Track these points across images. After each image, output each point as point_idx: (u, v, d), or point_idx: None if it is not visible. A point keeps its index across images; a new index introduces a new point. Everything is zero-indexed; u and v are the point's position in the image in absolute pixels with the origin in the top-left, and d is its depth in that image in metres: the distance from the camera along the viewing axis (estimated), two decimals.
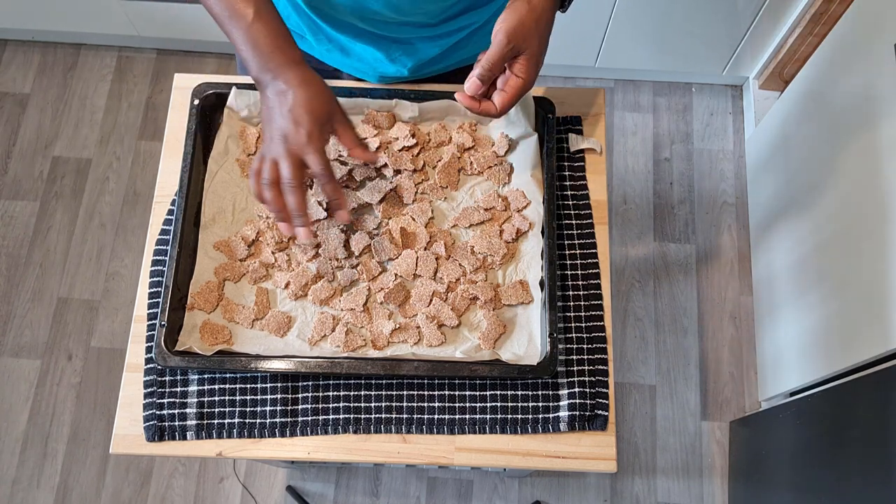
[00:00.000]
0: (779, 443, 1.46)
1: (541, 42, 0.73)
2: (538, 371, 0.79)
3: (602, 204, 0.93)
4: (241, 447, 0.83)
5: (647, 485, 1.72)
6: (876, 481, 1.08)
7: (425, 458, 0.83)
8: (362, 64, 0.94)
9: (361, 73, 0.96)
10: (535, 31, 0.71)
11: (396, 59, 0.93)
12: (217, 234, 0.87)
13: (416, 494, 1.70)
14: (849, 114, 1.37)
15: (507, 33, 0.71)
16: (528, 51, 0.72)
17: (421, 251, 0.87)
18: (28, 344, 1.83)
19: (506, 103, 0.74)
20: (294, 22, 0.92)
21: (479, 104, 0.76)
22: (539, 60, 0.73)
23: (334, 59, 0.95)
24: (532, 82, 0.74)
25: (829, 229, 1.43)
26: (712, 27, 1.81)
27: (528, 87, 0.74)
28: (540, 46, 0.73)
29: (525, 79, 0.73)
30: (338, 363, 0.80)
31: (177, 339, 0.81)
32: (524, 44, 0.71)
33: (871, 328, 1.22)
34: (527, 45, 0.72)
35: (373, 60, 0.93)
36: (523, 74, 0.73)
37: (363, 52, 0.93)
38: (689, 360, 1.82)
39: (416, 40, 0.92)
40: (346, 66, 0.96)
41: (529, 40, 0.71)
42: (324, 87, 0.75)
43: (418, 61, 0.93)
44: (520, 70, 0.73)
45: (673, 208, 1.96)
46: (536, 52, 0.72)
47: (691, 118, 2.06)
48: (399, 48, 0.92)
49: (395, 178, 0.91)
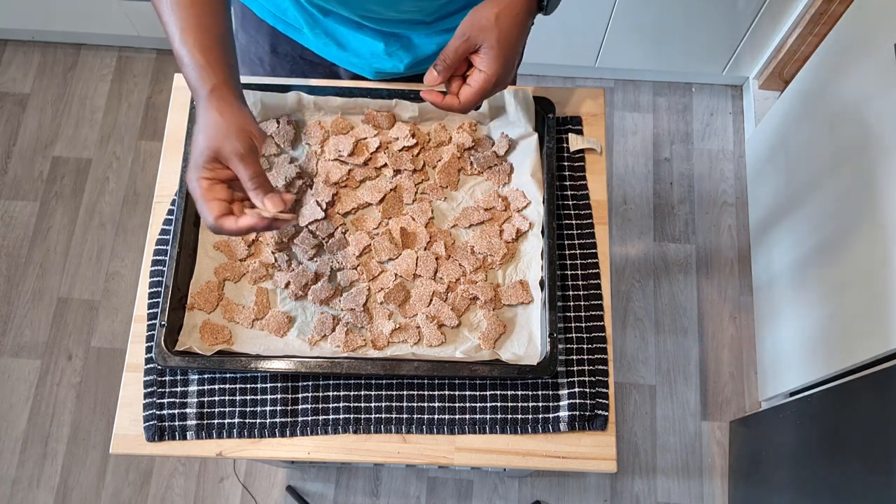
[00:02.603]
0: (779, 443, 1.46)
1: (501, 35, 0.71)
2: (538, 371, 0.79)
3: (602, 204, 0.93)
4: (241, 447, 0.83)
5: (647, 485, 1.72)
6: (876, 481, 1.08)
7: (425, 458, 0.83)
8: (359, 59, 0.94)
9: (358, 69, 0.96)
10: (495, 25, 0.71)
11: (393, 53, 0.92)
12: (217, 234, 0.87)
13: (416, 494, 1.70)
14: (849, 114, 1.37)
15: (462, 26, 0.72)
16: (486, 43, 0.71)
17: (421, 251, 0.87)
18: (28, 344, 1.83)
19: (468, 97, 0.74)
20: (292, 15, 0.92)
21: (441, 98, 0.76)
22: (502, 55, 0.72)
23: (331, 52, 0.95)
24: (497, 76, 0.73)
25: (829, 229, 1.43)
26: (712, 27, 1.81)
27: (494, 81, 0.73)
28: (500, 40, 0.71)
29: (487, 72, 0.72)
30: (338, 363, 0.80)
31: (177, 339, 0.81)
32: (480, 36, 0.71)
33: (870, 328, 1.22)
34: (484, 38, 0.71)
35: (369, 55, 0.93)
36: (484, 67, 0.72)
37: (360, 47, 0.93)
38: (689, 360, 1.82)
39: (414, 36, 0.92)
40: (343, 60, 0.96)
41: (486, 33, 0.71)
42: (225, 123, 0.69)
43: (415, 57, 0.93)
44: (480, 63, 0.73)
45: (673, 208, 1.97)
46: (496, 45, 0.71)
47: (691, 118, 2.06)
48: (396, 42, 0.92)
49: (395, 178, 0.91)
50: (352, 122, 0.93)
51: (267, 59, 1.01)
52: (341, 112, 0.92)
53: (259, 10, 0.95)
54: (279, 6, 0.92)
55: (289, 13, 0.92)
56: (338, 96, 0.90)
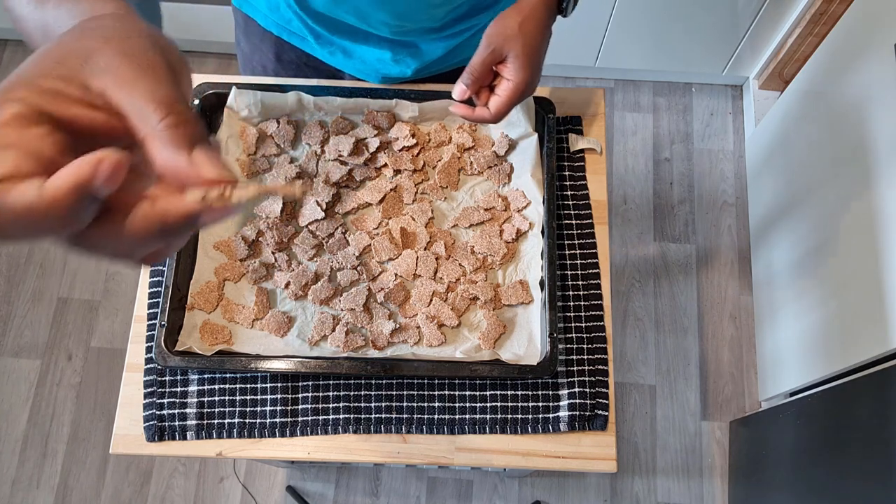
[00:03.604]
0: (779, 443, 1.46)
1: (526, 44, 0.72)
2: (538, 371, 0.79)
3: (602, 204, 0.93)
4: (241, 447, 0.83)
5: (647, 485, 1.72)
6: (876, 481, 1.08)
7: (425, 458, 0.83)
8: (365, 66, 0.94)
9: (364, 75, 0.96)
10: (519, 34, 0.71)
11: (401, 60, 0.93)
12: (217, 234, 0.87)
13: (416, 494, 1.70)
14: (849, 114, 1.37)
15: (487, 37, 0.72)
16: (513, 53, 0.72)
17: (421, 251, 0.87)
18: (28, 344, 1.83)
19: (499, 107, 0.74)
20: (296, 26, 0.92)
21: (472, 111, 0.76)
22: (529, 63, 0.73)
23: (337, 60, 0.95)
24: (525, 83, 0.73)
25: (829, 229, 1.43)
26: (712, 27, 1.81)
27: (522, 89, 0.74)
28: (525, 48, 0.72)
29: (515, 81, 0.73)
30: (338, 363, 0.80)
31: (177, 339, 0.81)
32: (507, 46, 0.72)
33: (870, 328, 1.22)
34: (510, 48, 0.72)
35: (376, 62, 0.93)
36: (512, 76, 0.73)
37: (367, 55, 0.93)
38: (689, 360, 1.82)
39: (422, 42, 0.92)
40: (349, 67, 0.96)
41: (511, 42, 0.71)
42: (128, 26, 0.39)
43: (422, 62, 0.93)
44: (508, 72, 0.73)
45: (673, 208, 1.96)
46: (522, 54, 0.72)
47: (691, 118, 2.06)
48: (404, 50, 0.92)
49: (395, 178, 0.91)
50: (352, 121, 0.93)
51: (271, 66, 1.01)
52: (341, 112, 0.92)
53: (263, 20, 0.95)
54: (283, 16, 0.91)
55: (293, 24, 0.92)
56: (338, 96, 0.90)
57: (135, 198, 0.32)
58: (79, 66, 0.34)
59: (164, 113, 0.33)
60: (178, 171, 0.33)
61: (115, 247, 0.32)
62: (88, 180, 0.28)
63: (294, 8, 0.87)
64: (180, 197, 0.32)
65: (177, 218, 0.32)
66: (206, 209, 0.32)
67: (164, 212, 0.32)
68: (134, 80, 0.34)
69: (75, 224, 0.30)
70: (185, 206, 0.32)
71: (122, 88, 0.33)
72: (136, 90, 0.33)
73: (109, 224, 0.31)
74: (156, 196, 0.32)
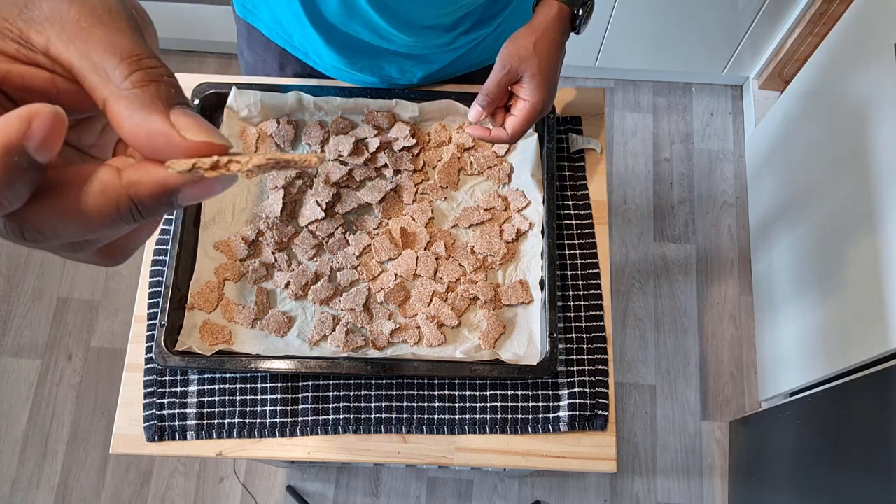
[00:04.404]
0: (779, 443, 1.46)
1: (542, 64, 0.72)
2: (538, 371, 0.79)
3: (602, 204, 0.93)
4: (241, 447, 0.83)
5: (647, 485, 1.72)
6: (876, 481, 1.08)
7: (425, 458, 0.83)
8: (372, 78, 0.94)
9: (370, 85, 0.96)
10: (534, 53, 0.72)
11: (408, 70, 0.93)
12: (217, 234, 0.87)
13: (416, 494, 1.70)
14: (849, 114, 1.37)
15: (502, 58, 0.72)
16: (528, 73, 0.72)
17: (421, 251, 0.87)
18: (28, 344, 1.83)
19: (516, 127, 0.75)
20: (298, 40, 0.91)
21: (489, 132, 0.77)
22: (545, 82, 0.73)
23: (342, 76, 0.95)
24: (542, 103, 0.74)
25: (830, 229, 1.43)
26: (712, 27, 1.81)
27: (539, 108, 0.74)
28: (541, 68, 0.72)
29: (531, 100, 0.73)
30: (338, 363, 0.80)
31: (177, 339, 0.81)
32: (522, 66, 0.72)
33: (871, 328, 1.22)
34: (525, 68, 0.72)
35: (383, 74, 0.93)
36: (528, 96, 0.73)
37: (373, 68, 0.92)
38: (689, 360, 1.82)
39: (430, 55, 0.92)
40: (355, 80, 0.95)
41: (526, 63, 0.72)
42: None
43: (428, 72, 0.94)
44: (524, 93, 0.74)
45: (673, 208, 1.96)
46: (537, 73, 0.72)
47: (691, 118, 2.06)
48: (410, 62, 0.92)
49: (395, 178, 0.91)
50: (352, 121, 0.92)
51: (274, 77, 1.01)
52: (341, 112, 0.92)
53: (268, 31, 0.94)
54: (286, 30, 0.91)
55: (295, 37, 0.91)
56: (338, 96, 0.90)
57: (88, 169, 0.25)
58: (14, 13, 0.27)
59: (129, 68, 0.26)
60: (153, 138, 0.26)
61: (65, 230, 0.25)
62: (18, 140, 0.22)
63: (303, 21, 0.83)
64: (155, 165, 0.25)
65: (151, 190, 0.25)
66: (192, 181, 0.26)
67: (133, 183, 0.25)
68: (88, 28, 0.26)
69: (7, 196, 0.23)
70: (164, 177, 0.25)
71: (72, 40, 0.26)
72: (90, 41, 0.26)
73: (59, 198, 0.24)
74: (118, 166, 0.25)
